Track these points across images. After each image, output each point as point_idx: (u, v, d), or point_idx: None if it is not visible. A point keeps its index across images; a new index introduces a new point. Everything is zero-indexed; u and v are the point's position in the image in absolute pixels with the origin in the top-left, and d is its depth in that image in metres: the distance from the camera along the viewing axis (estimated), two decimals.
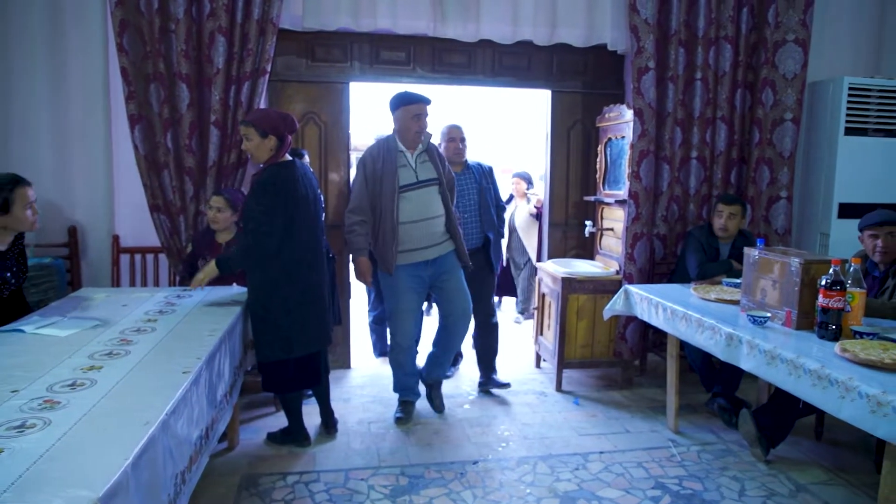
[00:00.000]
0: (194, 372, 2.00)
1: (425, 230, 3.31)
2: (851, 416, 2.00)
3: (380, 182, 3.25)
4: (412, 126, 3.27)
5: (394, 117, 3.33)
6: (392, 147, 3.31)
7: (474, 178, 3.92)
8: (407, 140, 3.31)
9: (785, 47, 4.17)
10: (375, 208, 3.28)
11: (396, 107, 3.30)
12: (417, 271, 3.34)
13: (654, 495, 2.75)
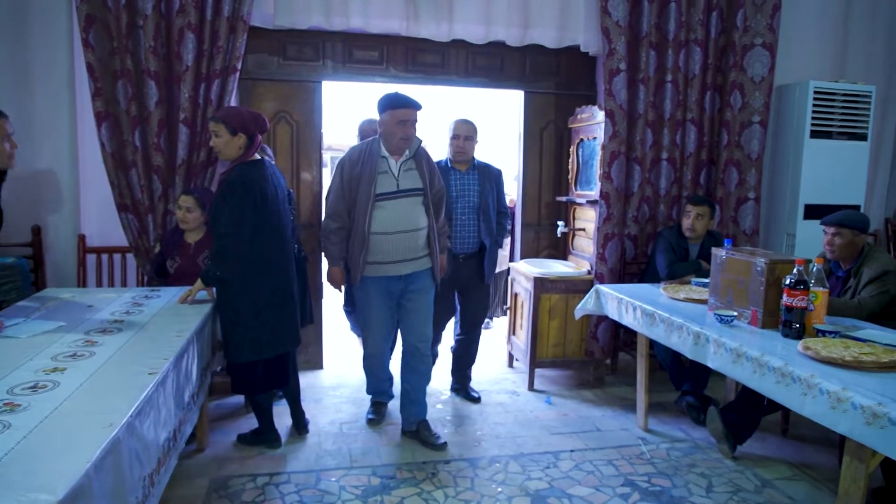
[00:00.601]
0: (161, 373, 1.97)
1: (400, 243, 3.08)
2: (813, 413, 2.04)
3: (356, 187, 3.05)
4: (397, 132, 3.02)
5: (380, 120, 3.09)
6: (374, 151, 3.08)
7: (478, 179, 3.69)
8: (391, 146, 3.07)
9: (753, 51, 4.24)
10: (350, 214, 3.09)
11: (383, 109, 3.06)
12: (388, 285, 3.15)
13: (623, 492, 2.78)
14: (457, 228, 3.63)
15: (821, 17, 4.59)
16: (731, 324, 2.71)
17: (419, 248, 3.14)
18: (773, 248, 4.53)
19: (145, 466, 1.76)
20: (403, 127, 3.02)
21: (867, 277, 2.98)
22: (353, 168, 3.08)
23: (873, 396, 1.87)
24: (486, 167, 3.77)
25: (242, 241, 2.76)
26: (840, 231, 3.07)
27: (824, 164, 4.35)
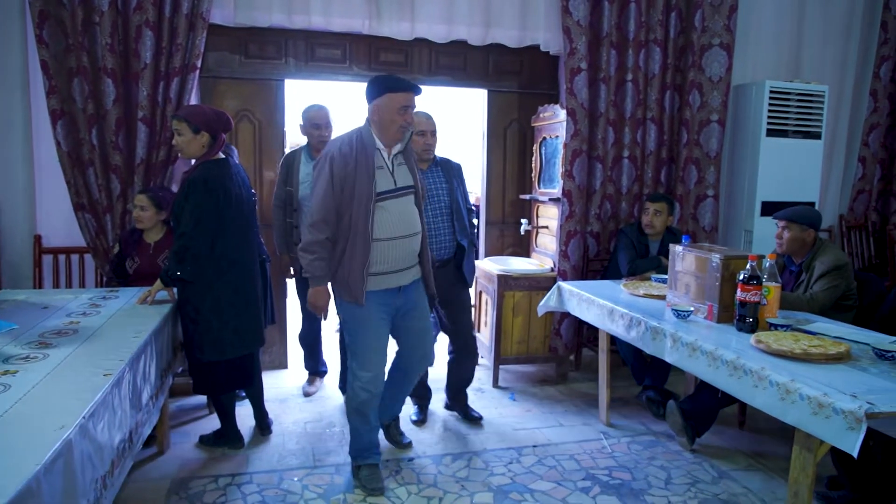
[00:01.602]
0: (116, 374, 1.94)
1: (403, 249, 2.70)
2: (764, 404, 2.10)
3: (351, 187, 2.59)
4: (397, 119, 2.61)
5: (372, 106, 2.64)
6: (368, 143, 2.65)
7: (443, 176, 3.34)
8: (387, 136, 2.66)
9: (711, 51, 4.33)
10: (342, 220, 2.62)
11: (379, 93, 2.62)
12: (387, 299, 2.71)
13: (584, 486, 2.82)
14: (430, 232, 3.20)
15: (776, 18, 4.71)
16: (688, 318, 2.77)
17: (415, 255, 2.79)
18: (732, 244, 4.63)
19: (98, 469, 1.74)
20: (404, 114, 2.63)
21: (818, 272, 3.07)
22: (346, 164, 2.60)
23: (819, 387, 1.93)
24: (447, 162, 3.48)
25: (202, 241, 2.73)
26: (789, 225, 3.15)
27: (780, 162, 4.46)
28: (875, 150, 4.98)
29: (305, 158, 3.59)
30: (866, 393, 1.87)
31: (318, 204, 2.61)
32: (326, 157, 2.63)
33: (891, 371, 2.10)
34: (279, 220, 3.65)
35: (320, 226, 2.60)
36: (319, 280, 2.66)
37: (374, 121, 2.67)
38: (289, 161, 3.63)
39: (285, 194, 3.60)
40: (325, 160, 2.63)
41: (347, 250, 2.60)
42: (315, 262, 2.62)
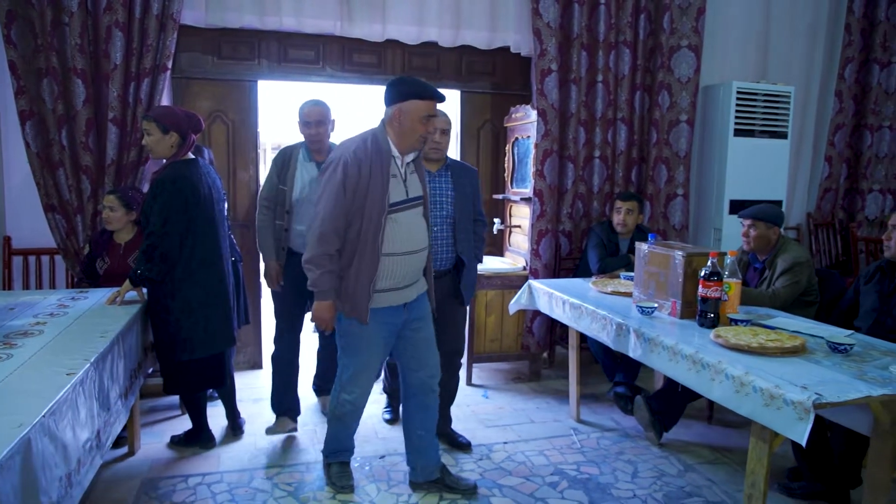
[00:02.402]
0: (80, 374, 1.95)
1: (411, 265, 2.56)
2: (720, 397, 2.16)
3: (363, 195, 2.41)
4: (419, 128, 2.44)
5: (393, 109, 2.44)
6: (384, 149, 2.45)
7: (451, 182, 3.07)
8: (404, 144, 2.47)
9: (679, 52, 4.41)
10: (349, 230, 2.45)
11: (403, 97, 2.42)
12: (392, 317, 2.57)
13: (552, 481, 2.87)
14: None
15: (743, 20, 4.80)
16: (652, 315, 2.82)
17: (421, 271, 2.67)
18: (702, 242, 4.71)
19: (62, 467, 1.75)
20: (427, 123, 2.47)
21: (780, 269, 3.14)
22: (360, 170, 2.40)
23: (772, 379, 1.99)
24: (462, 167, 3.19)
25: (171, 241, 2.74)
26: (755, 223, 3.22)
27: (748, 161, 4.55)
28: (841, 150, 5.09)
29: (304, 157, 3.20)
30: (817, 384, 1.93)
31: (327, 213, 2.41)
32: (338, 162, 2.41)
33: (843, 363, 2.16)
34: (266, 222, 3.20)
35: (330, 237, 2.41)
36: (327, 294, 2.46)
37: (392, 125, 2.46)
38: (285, 156, 3.21)
39: (277, 193, 3.18)
40: (337, 165, 2.41)
41: (354, 264, 2.44)
42: (324, 276, 2.43)
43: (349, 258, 2.46)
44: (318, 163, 3.13)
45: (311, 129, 3.13)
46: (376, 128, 2.51)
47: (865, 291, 2.88)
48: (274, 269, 3.21)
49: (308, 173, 3.17)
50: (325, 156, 3.06)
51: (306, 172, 3.17)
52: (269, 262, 3.22)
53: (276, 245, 3.21)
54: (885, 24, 4.95)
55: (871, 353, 2.28)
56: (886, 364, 2.13)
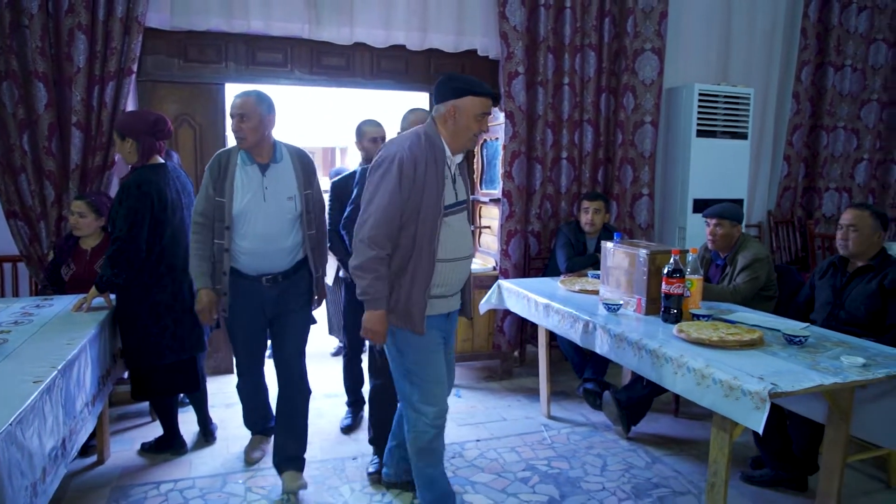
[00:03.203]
0: (46, 382, 1.94)
1: (462, 272, 2.42)
2: (683, 389, 2.22)
3: (419, 196, 2.23)
4: (473, 126, 2.30)
5: (448, 106, 2.27)
6: (439, 147, 2.29)
7: None
8: (457, 142, 2.33)
9: (643, 55, 4.51)
10: (401, 233, 2.25)
11: (459, 93, 2.26)
12: (441, 324, 2.41)
13: (524, 476, 2.92)
14: None
15: (704, 24, 4.92)
16: (618, 312, 2.89)
17: (465, 278, 2.51)
18: (667, 240, 4.82)
19: (28, 476, 1.74)
20: (481, 121, 2.32)
21: (741, 265, 3.24)
22: (416, 168, 2.23)
23: (731, 371, 2.06)
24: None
25: (136, 246, 2.74)
26: (720, 222, 3.32)
27: (710, 161, 4.66)
28: (799, 150, 5.25)
29: (242, 161, 2.71)
30: (773, 375, 2.01)
31: (380, 214, 2.20)
32: (393, 159, 2.21)
33: (798, 354, 2.25)
34: (201, 243, 2.69)
35: (381, 240, 2.20)
36: (380, 303, 2.23)
37: (445, 123, 2.29)
38: (220, 162, 2.70)
39: (215, 207, 2.67)
40: (392, 162, 2.21)
41: (409, 270, 2.25)
42: (376, 282, 2.21)
43: (402, 264, 2.26)
44: (262, 165, 2.67)
45: (233, 122, 2.64)
46: (426, 125, 2.32)
47: (820, 286, 2.99)
48: (206, 299, 2.69)
49: (250, 179, 2.66)
50: (267, 157, 2.69)
51: (247, 178, 2.66)
52: (201, 292, 2.68)
53: (211, 269, 2.71)
54: (839, 29, 5.12)
55: (824, 344, 2.38)
56: (838, 354, 2.23)
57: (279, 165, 2.72)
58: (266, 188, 2.66)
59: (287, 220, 2.70)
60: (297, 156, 2.79)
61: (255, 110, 2.62)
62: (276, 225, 2.67)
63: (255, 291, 2.72)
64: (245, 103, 2.62)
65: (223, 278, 2.70)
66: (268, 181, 2.67)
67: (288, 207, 2.69)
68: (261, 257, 2.68)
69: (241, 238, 2.65)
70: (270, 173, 2.69)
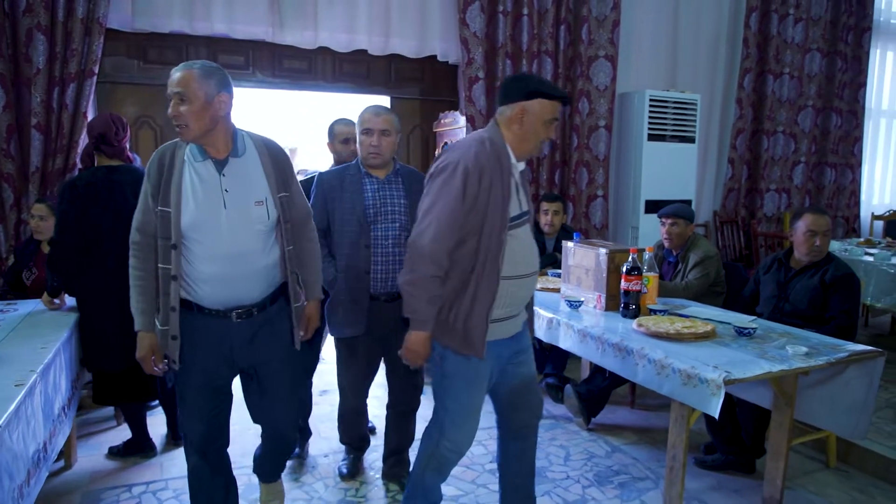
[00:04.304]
0: (28, 385, 1.95)
1: (528, 290, 2.20)
2: (644, 380, 2.37)
3: (483, 207, 2.00)
4: (541, 132, 2.10)
5: (515, 109, 2.06)
6: (504, 154, 2.07)
7: (402, 190, 2.66)
8: (523, 148, 2.12)
9: (597, 62, 4.69)
10: (459, 249, 2.03)
11: (529, 95, 2.06)
12: (502, 350, 2.17)
13: (491, 468, 3.03)
14: (377, 259, 2.58)
15: (653, 33, 5.15)
16: (579, 308, 3.03)
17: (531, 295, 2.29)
18: (620, 239, 5.02)
19: (15, 478, 1.76)
20: (549, 126, 2.12)
21: (692, 263, 3.43)
22: (481, 177, 1.99)
23: (688, 361, 2.22)
24: (412, 173, 2.77)
25: (65, 250, 2.67)
26: (676, 221, 3.50)
27: (660, 164, 4.89)
28: (742, 153, 5.54)
29: (192, 155, 2.01)
30: (726, 364, 2.18)
31: (441, 225, 1.96)
32: (456, 166, 1.98)
33: (747, 345, 2.43)
34: (141, 269, 2.04)
35: (441, 256, 1.97)
36: (427, 324, 2.02)
37: (510, 127, 2.08)
38: (161, 161, 2.02)
39: (157, 220, 2.00)
40: (455, 169, 1.98)
41: (469, 289, 2.02)
42: (429, 305, 1.99)
43: (462, 281, 2.03)
44: (218, 161, 2.02)
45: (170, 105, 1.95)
46: (489, 130, 2.11)
47: (765, 281, 3.20)
48: (147, 344, 2.05)
49: (204, 180, 2.01)
50: (224, 150, 2.04)
51: (200, 180, 2.00)
52: (140, 335, 2.05)
53: (155, 304, 2.06)
54: (777, 39, 5.43)
55: (770, 335, 2.57)
56: (783, 344, 2.41)
57: (242, 161, 2.06)
58: (226, 191, 2.01)
59: (257, 231, 2.05)
60: (265, 148, 2.13)
61: (199, 88, 1.94)
62: (243, 239, 2.03)
63: (219, 332, 2.06)
64: (184, 79, 1.93)
65: (171, 316, 2.02)
66: (228, 182, 2.02)
67: (257, 215, 2.04)
68: (226, 284, 2.03)
69: (198, 260, 2.00)
70: (231, 171, 2.03)
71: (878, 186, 6.76)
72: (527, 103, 2.05)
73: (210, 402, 2.14)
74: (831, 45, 5.79)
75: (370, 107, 2.68)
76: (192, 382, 2.10)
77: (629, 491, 2.84)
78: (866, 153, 6.34)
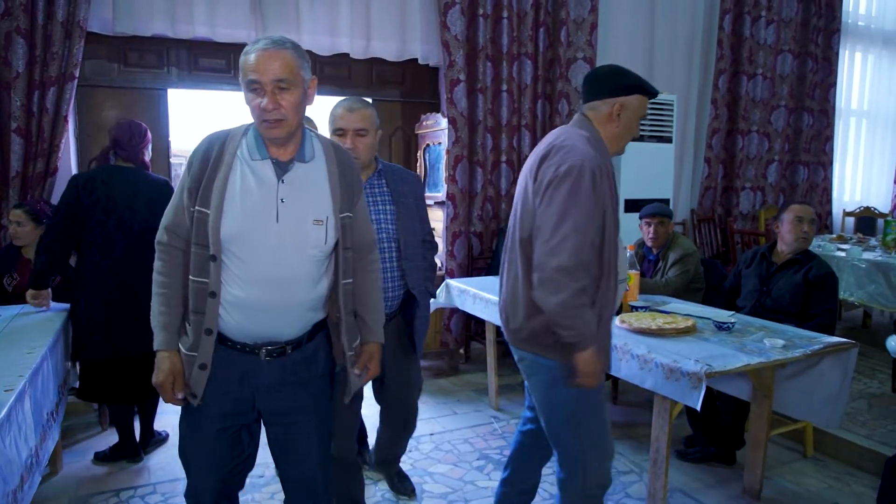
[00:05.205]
0: (17, 390, 1.95)
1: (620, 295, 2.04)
2: (627, 374, 2.44)
3: (602, 213, 1.82)
4: (635, 130, 1.97)
5: (614, 104, 1.89)
6: (606, 152, 1.91)
7: (389, 192, 2.33)
8: (617, 146, 1.96)
9: (576, 64, 4.76)
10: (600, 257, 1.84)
11: (627, 90, 1.90)
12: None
13: (478, 465, 3.08)
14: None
15: (631, 35, 5.24)
16: None
17: None
18: None
19: (9, 483, 1.76)
20: (638, 125, 1.99)
21: (672, 260, 3.51)
22: (606, 178, 1.82)
23: (670, 356, 2.28)
24: (400, 173, 2.45)
25: (53, 233, 2.83)
26: (662, 220, 3.57)
27: (639, 164, 4.95)
28: (718, 152, 5.65)
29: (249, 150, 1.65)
30: (707, 358, 2.24)
31: (579, 237, 1.73)
32: (582, 168, 1.76)
33: (727, 339, 2.50)
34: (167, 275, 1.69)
35: (583, 269, 1.75)
36: (592, 338, 1.78)
37: (607, 124, 1.91)
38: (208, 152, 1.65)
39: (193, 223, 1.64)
40: (581, 171, 1.75)
41: (597, 299, 1.85)
42: (586, 315, 1.76)
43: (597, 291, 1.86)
44: (280, 164, 1.65)
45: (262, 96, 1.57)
46: (584, 126, 1.91)
47: (746, 275, 3.28)
48: (169, 368, 1.67)
49: (259, 183, 1.64)
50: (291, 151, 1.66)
51: (254, 181, 1.64)
52: (161, 355, 1.68)
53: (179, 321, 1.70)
54: (750, 41, 5.55)
55: (749, 329, 2.65)
56: (761, 338, 2.49)
57: (308, 168, 1.69)
58: (282, 201, 1.63)
59: (309, 256, 1.68)
60: (335, 155, 1.76)
61: (300, 71, 1.61)
62: (292, 263, 1.66)
63: (242, 371, 1.70)
64: (286, 62, 1.56)
65: (203, 340, 1.65)
66: (287, 191, 1.65)
67: (314, 237, 1.67)
68: (261, 315, 1.66)
69: (233, 281, 1.64)
70: (293, 179, 1.66)
71: (848, 184, 6.93)
72: (626, 99, 1.90)
73: (226, 454, 1.77)
74: (802, 47, 5.93)
75: (343, 101, 2.28)
76: (206, 427, 1.71)
77: (614, 484, 2.87)
78: (837, 152, 6.50)
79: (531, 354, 1.92)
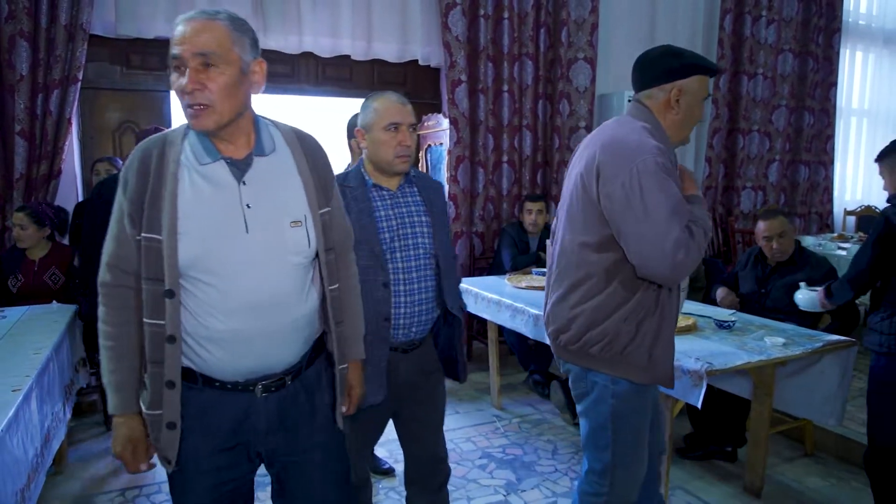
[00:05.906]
0: (24, 390, 1.97)
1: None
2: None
3: None
4: (699, 114, 1.78)
5: (669, 90, 1.72)
6: (667, 142, 1.73)
7: (420, 201, 1.98)
8: (680, 136, 1.80)
9: (577, 64, 4.78)
10: None
11: (685, 72, 1.71)
12: None
13: (481, 463, 3.09)
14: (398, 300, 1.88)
15: (631, 35, 5.24)
16: None
17: None
18: None
19: (17, 481, 1.78)
20: (703, 107, 1.80)
21: None
22: (672, 174, 1.66)
23: None
24: (428, 180, 2.10)
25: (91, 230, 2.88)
26: None
27: None
28: (718, 152, 5.66)
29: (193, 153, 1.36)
30: (707, 356, 2.26)
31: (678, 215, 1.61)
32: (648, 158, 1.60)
33: (727, 337, 2.51)
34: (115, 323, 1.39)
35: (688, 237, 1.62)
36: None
37: (667, 111, 1.73)
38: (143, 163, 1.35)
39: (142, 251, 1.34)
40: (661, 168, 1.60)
41: (658, 308, 1.72)
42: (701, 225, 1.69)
43: (650, 301, 1.71)
44: (236, 163, 1.38)
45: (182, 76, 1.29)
46: (641, 116, 1.73)
47: (743, 276, 3.30)
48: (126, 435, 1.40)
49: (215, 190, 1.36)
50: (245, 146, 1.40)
51: (209, 188, 1.36)
52: (116, 421, 1.40)
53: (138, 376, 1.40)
54: (751, 40, 5.56)
55: (749, 327, 2.66)
56: (762, 336, 2.50)
57: (270, 162, 1.43)
58: (248, 206, 1.37)
59: (293, 267, 1.42)
60: (298, 142, 1.49)
61: (233, 47, 1.32)
62: (274, 278, 1.39)
63: (236, 414, 1.41)
64: (210, 32, 1.29)
65: (165, 395, 1.36)
66: (251, 193, 1.38)
67: (294, 242, 1.41)
68: (249, 346, 1.38)
69: (207, 311, 1.35)
70: (255, 178, 1.39)
71: (849, 183, 6.94)
72: (684, 82, 1.70)
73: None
74: (803, 46, 5.94)
75: (387, 93, 2.00)
76: (196, 489, 1.41)
77: None
78: (838, 151, 6.51)
79: (581, 368, 1.80)
